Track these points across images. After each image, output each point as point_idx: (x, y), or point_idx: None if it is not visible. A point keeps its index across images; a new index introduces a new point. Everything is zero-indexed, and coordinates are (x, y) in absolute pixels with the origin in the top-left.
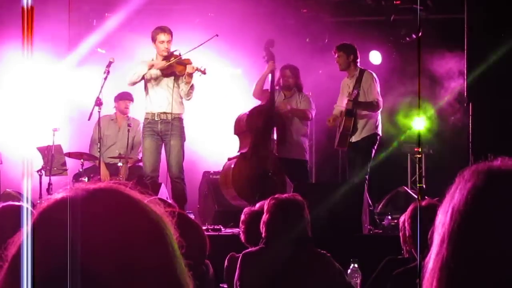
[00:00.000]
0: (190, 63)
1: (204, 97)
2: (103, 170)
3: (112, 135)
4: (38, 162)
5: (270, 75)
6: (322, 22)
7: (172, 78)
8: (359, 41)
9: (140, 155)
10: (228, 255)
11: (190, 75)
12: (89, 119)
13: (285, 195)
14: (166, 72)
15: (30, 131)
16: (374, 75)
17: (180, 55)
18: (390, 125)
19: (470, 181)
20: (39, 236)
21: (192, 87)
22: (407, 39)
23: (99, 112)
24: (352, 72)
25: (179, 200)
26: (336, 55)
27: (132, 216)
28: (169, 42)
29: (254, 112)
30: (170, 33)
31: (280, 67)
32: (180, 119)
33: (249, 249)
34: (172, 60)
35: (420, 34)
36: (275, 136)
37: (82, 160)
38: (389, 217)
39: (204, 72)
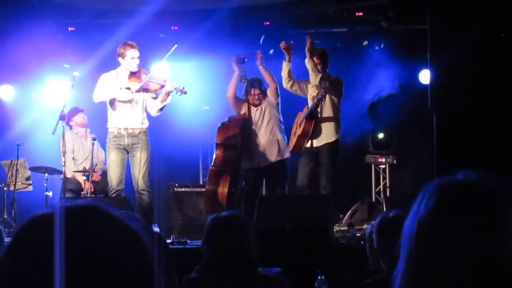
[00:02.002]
0: (166, 81)
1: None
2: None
3: (84, 149)
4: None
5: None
6: (285, 34)
7: (141, 94)
8: None
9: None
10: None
11: (168, 94)
12: (53, 133)
13: (226, 212)
14: (139, 89)
15: None
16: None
17: (149, 71)
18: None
19: (434, 195)
20: (18, 253)
21: (164, 105)
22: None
23: (63, 126)
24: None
25: (145, 212)
26: (319, 61)
27: (112, 232)
28: (138, 58)
29: (228, 126)
30: (138, 48)
31: (248, 86)
32: (146, 132)
33: (191, 275)
34: (144, 77)
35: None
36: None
37: (46, 174)
38: (355, 228)
39: (184, 92)
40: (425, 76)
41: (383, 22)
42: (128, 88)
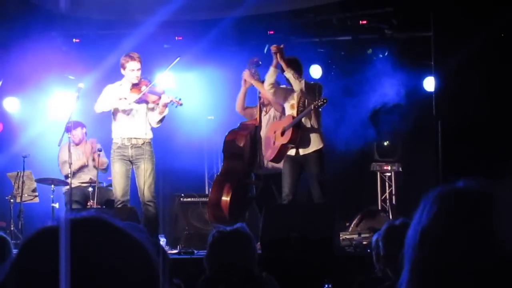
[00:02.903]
0: (164, 93)
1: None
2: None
3: (81, 162)
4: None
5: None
6: (289, 43)
7: (144, 105)
8: (325, 60)
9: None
10: None
11: (165, 106)
12: (59, 145)
13: (229, 228)
14: (138, 100)
15: None
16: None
17: (150, 82)
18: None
19: (436, 204)
20: (24, 266)
21: (164, 116)
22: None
23: (69, 138)
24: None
25: (151, 223)
26: (293, 70)
27: (116, 244)
28: (139, 70)
29: (235, 134)
30: (139, 60)
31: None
32: (150, 143)
33: None
34: (144, 88)
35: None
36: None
37: (52, 186)
38: (361, 236)
39: (180, 103)
40: (429, 84)
41: (387, 30)
42: (125, 98)
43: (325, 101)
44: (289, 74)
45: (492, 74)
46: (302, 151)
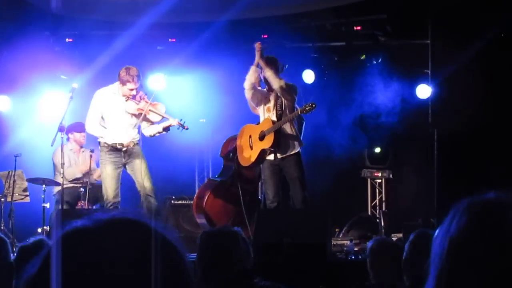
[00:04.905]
0: (165, 114)
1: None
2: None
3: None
4: None
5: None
6: (283, 47)
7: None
8: (318, 65)
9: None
10: None
11: (168, 128)
12: (52, 145)
13: (218, 227)
14: (137, 116)
15: None
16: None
17: (147, 95)
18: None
19: (466, 214)
20: (57, 263)
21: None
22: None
23: (62, 138)
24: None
25: (156, 216)
26: (273, 69)
27: (150, 246)
28: (136, 89)
29: (231, 139)
30: (139, 79)
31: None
32: (138, 143)
33: None
34: (143, 105)
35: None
36: None
37: (44, 186)
38: (352, 242)
39: (186, 128)
40: (422, 91)
41: (381, 37)
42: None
43: (313, 105)
44: (268, 72)
45: (489, 82)
46: (280, 155)
